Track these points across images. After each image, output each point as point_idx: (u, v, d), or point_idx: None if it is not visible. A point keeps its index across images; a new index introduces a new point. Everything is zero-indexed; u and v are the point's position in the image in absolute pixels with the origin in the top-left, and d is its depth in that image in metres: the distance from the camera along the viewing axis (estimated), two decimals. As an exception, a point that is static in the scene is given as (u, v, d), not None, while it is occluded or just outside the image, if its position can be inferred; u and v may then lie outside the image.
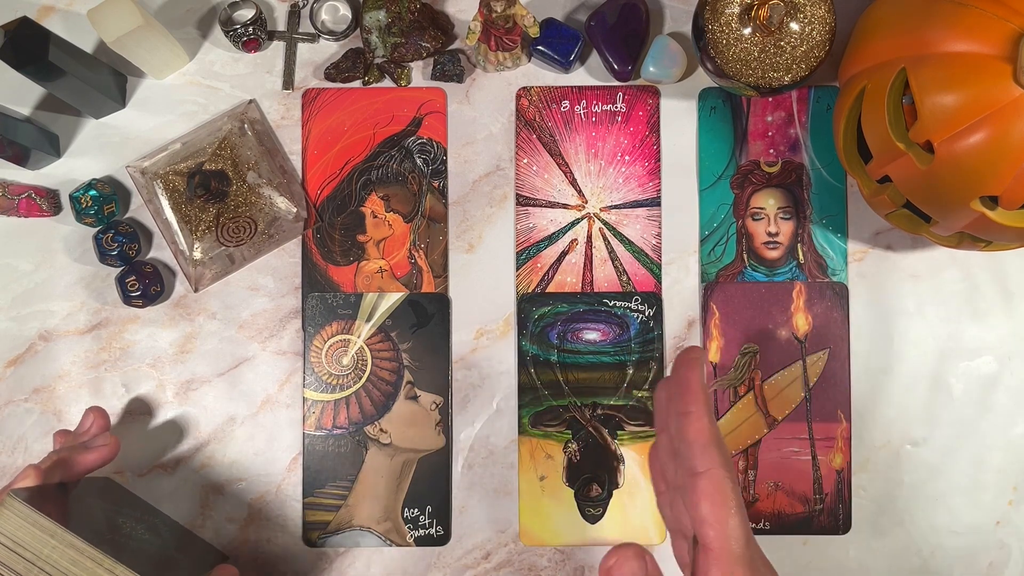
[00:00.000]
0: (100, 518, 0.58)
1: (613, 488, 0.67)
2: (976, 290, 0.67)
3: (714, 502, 0.47)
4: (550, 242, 0.68)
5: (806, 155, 0.68)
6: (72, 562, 0.51)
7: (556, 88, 0.68)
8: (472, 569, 0.67)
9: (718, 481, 0.48)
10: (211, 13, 0.69)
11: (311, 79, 0.68)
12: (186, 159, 0.67)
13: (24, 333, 0.67)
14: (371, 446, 0.67)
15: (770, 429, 0.67)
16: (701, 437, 0.48)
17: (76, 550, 0.51)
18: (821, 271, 0.67)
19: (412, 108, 0.68)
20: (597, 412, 0.67)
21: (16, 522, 0.51)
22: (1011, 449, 0.67)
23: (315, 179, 0.68)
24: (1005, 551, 0.67)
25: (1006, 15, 0.52)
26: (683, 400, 0.50)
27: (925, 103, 0.53)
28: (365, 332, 0.67)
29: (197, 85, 0.68)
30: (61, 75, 0.61)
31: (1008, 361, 0.67)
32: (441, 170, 0.68)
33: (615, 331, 0.67)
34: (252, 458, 0.67)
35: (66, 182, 0.68)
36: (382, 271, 0.67)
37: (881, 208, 0.61)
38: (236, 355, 0.67)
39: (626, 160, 0.68)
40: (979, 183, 0.53)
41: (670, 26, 0.68)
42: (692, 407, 0.49)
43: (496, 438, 0.67)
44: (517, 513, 0.67)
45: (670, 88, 0.68)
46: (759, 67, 0.61)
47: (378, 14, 0.66)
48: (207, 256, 0.66)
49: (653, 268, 0.67)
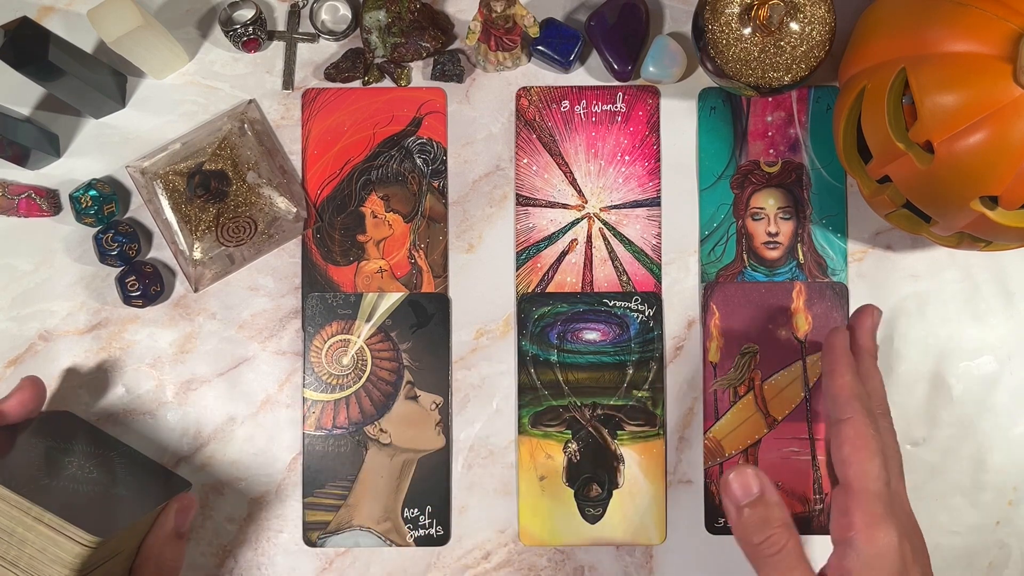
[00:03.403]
0: (39, 461, 0.57)
1: (613, 488, 0.67)
2: (976, 290, 0.67)
3: (854, 446, 0.53)
4: (550, 242, 0.68)
5: (806, 155, 0.68)
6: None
7: (556, 88, 0.68)
8: (472, 569, 0.67)
9: (859, 426, 0.53)
10: (211, 13, 0.69)
11: (311, 79, 0.68)
12: (186, 159, 0.67)
13: (24, 333, 0.67)
14: (371, 446, 0.67)
15: (770, 429, 0.67)
16: (844, 391, 0.55)
17: (1, 499, 0.50)
18: (821, 271, 0.67)
19: (412, 108, 0.68)
20: (597, 412, 0.67)
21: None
22: (1011, 449, 0.67)
23: (315, 179, 0.68)
24: (1005, 551, 0.67)
25: (1006, 15, 0.52)
26: (827, 359, 0.57)
27: (925, 103, 0.53)
28: (365, 332, 0.67)
29: (197, 85, 0.69)
30: (61, 75, 0.61)
31: (1008, 361, 0.67)
32: (441, 170, 0.68)
33: (615, 331, 0.67)
34: (252, 458, 0.67)
35: (66, 182, 0.68)
36: (382, 271, 0.67)
37: (881, 208, 0.61)
38: (236, 355, 0.67)
39: (626, 160, 0.68)
40: (979, 183, 0.53)
41: (670, 26, 0.68)
42: (835, 366, 0.56)
43: (496, 438, 0.67)
44: (517, 513, 0.67)
45: (670, 88, 0.68)
46: (759, 67, 0.61)
47: (378, 14, 0.66)
48: (207, 256, 0.66)
49: (653, 268, 0.67)
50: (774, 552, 0.51)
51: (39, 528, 0.50)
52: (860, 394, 0.55)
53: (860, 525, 0.50)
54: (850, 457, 0.52)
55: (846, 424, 0.53)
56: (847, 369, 0.56)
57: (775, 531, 0.52)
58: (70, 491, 0.55)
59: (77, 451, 0.60)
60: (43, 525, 0.50)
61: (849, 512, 0.51)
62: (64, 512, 0.51)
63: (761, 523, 0.52)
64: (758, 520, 0.53)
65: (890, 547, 0.50)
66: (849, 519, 0.51)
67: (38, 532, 0.50)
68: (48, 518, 0.50)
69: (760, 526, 0.52)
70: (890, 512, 0.51)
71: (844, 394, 0.55)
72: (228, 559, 0.67)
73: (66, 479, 0.56)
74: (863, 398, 0.55)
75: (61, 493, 0.54)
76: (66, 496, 0.54)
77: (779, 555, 0.51)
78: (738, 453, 0.67)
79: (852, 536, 0.51)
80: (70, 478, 0.56)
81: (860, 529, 0.50)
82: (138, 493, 0.61)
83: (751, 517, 0.53)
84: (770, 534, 0.52)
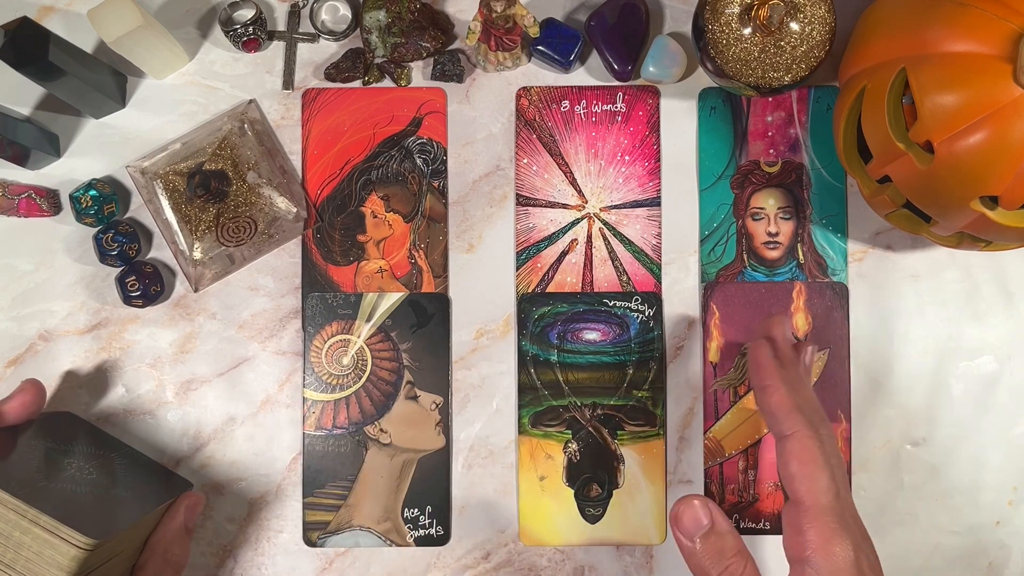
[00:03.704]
0: (38, 463, 0.57)
1: (613, 488, 0.67)
2: (976, 290, 0.67)
3: (801, 460, 0.52)
4: (550, 242, 0.68)
5: (806, 155, 0.68)
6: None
7: (556, 88, 0.68)
8: (472, 569, 0.67)
9: (803, 440, 0.52)
10: (211, 13, 0.69)
11: (311, 79, 0.68)
12: (186, 159, 0.67)
13: (24, 333, 0.67)
14: (371, 446, 0.67)
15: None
16: (782, 407, 0.54)
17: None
18: (821, 271, 0.67)
19: (412, 108, 0.68)
20: (597, 412, 0.67)
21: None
22: (1011, 449, 0.67)
23: (315, 179, 0.68)
24: (1005, 551, 0.67)
25: (1006, 15, 0.52)
26: (757, 376, 0.56)
27: (925, 103, 0.53)
28: (365, 332, 0.67)
29: (197, 85, 0.69)
30: (61, 75, 0.61)
31: (1008, 361, 0.67)
32: (441, 170, 0.68)
33: (615, 331, 0.67)
34: (252, 458, 0.67)
35: (66, 182, 0.68)
36: (382, 271, 0.67)
37: (881, 208, 0.61)
38: (236, 355, 0.67)
39: (626, 160, 0.68)
40: (979, 183, 0.53)
41: (670, 26, 0.68)
42: (767, 381, 0.55)
43: (496, 438, 0.67)
44: (517, 513, 0.67)
45: (670, 88, 0.68)
46: (759, 67, 0.61)
47: (378, 14, 0.66)
48: (207, 256, 0.66)
49: (653, 268, 0.67)
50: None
51: (35, 531, 0.50)
52: (799, 406, 0.54)
53: (816, 542, 0.50)
54: (798, 472, 0.52)
55: (790, 440, 0.52)
56: (780, 383, 0.54)
57: (731, 561, 0.52)
58: (68, 493, 0.55)
59: (77, 452, 0.60)
60: (39, 528, 0.50)
61: (803, 530, 0.51)
62: (61, 514, 0.50)
63: (716, 555, 0.53)
64: (713, 552, 0.53)
65: (847, 560, 0.50)
66: (804, 537, 0.50)
67: (34, 535, 0.50)
68: (44, 520, 0.50)
69: (716, 558, 0.52)
70: (843, 525, 0.51)
71: (783, 409, 0.53)
72: (228, 559, 0.67)
73: (65, 481, 0.56)
74: (803, 409, 0.54)
75: (59, 495, 0.54)
76: (64, 498, 0.54)
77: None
78: (738, 453, 0.67)
79: (809, 555, 0.50)
80: (69, 480, 0.56)
81: (817, 546, 0.50)
82: (138, 494, 0.60)
83: (705, 550, 0.53)
84: (727, 564, 0.52)
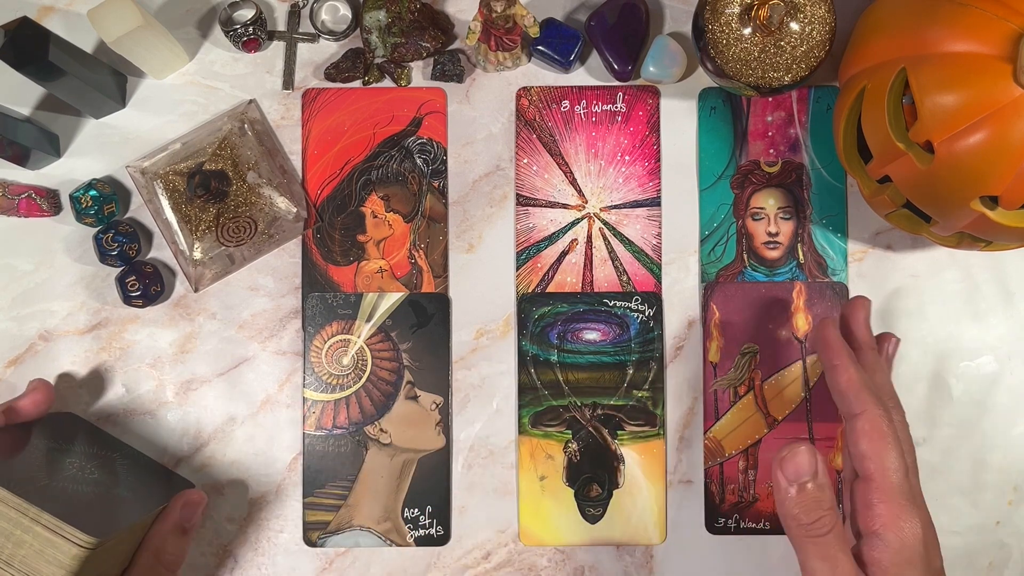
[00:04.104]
0: (40, 462, 0.57)
1: (613, 488, 0.67)
2: (976, 290, 0.67)
3: (871, 439, 0.52)
4: (550, 242, 0.68)
5: (806, 155, 0.68)
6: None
7: (556, 88, 0.68)
8: (472, 569, 0.67)
9: (873, 419, 0.52)
10: (211, 13, 0.69)
11: (311, 79, 0.68)
12: (186, 159, 0.67)
13: (24, 333, 0.67)
14: (371, 446, 0.67)
15: (770, 429, 0.67)
16: (852, 386, 0.54)
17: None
18: (821, 271, 0.67)
19: (412, 108, 0.68)
20: (597, 412, 0.67)
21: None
22: (1011, 449, 0.67)
23: (315, 179, 0.68)
24: (1005, 551, 0.67)
25: (1006, 15, 0.52)
26: (826, 355, 0.56)
27: (925, 103, 0.53)
28: (365, 332, 0.67)
29: (197, 85, 0.69)
30: (61, 75, 0.61)
31: (1008, 361, 0.67)
32: (441, 170, 0.68)
33: (615, 331, 0.67)
34: (252, 458, 0.67)
35: (66, 182, 0.68)
36: (382, 271, 0.67)
37: (881, 208, 0.61)
38: (236, 355, 0.67)
39: (626, 160, 0.68)
40: (979, 183, 0.53)
41: (670, 26, 0.68)
42: (836, 360, 0.55)
43: (496, 438, 0.67)
44: (517, 513, 0.67)
45: (670, 88, 0.68)
46: (759, 67, 0.61)
47: (378, 14, 0.66)
48: (207, 256, 0.66)
49: (653, 268, 0.67)
50: (823, 533, 0.51)
51: (36, 529, 0.50)
52: (869, 385, 0.54)
53: (886, 517, 0.51)
54: (868, 451, 0.52)
55: (860, 418, 0.53)
56: (850, 362, 0.55)
57: (826, 513, 0.51)
58: (70, 492, 0.55)
59: (78, 452, 0.60)
60: (40, 526, 0.50)
61: (873, 504, 0.51)
62: (62, 513, 0.50)
63: (814, 504, 0.52)
64: (811, 501, 0.52)
65: (915, 537, 0.51)
66: (873, 511, 0.51)
67: (35, 533, 0.50)
68: (45, 519, 0.50)
69: (812, 507, 0.52)
70: (913, 503, 0.52)
71: (852, 388, 0.54)
72: (228, 559, 0.67)
73: (67, 480, 0.56)
74: (872, 389, 0.54)
75: (61, 494, 0.54)
76: (66, 497, 0.54)
77: (826, 537, 0.51)
78: (738, 453, 0.67)
79: (878, 529, 0.51)
80: (71, 479, 0.56)
81: (887, 521, 0.51)
82: (139, 494, 0.61)
83: (803, 498, 0.52)
84: (821, 515, 0.51)
